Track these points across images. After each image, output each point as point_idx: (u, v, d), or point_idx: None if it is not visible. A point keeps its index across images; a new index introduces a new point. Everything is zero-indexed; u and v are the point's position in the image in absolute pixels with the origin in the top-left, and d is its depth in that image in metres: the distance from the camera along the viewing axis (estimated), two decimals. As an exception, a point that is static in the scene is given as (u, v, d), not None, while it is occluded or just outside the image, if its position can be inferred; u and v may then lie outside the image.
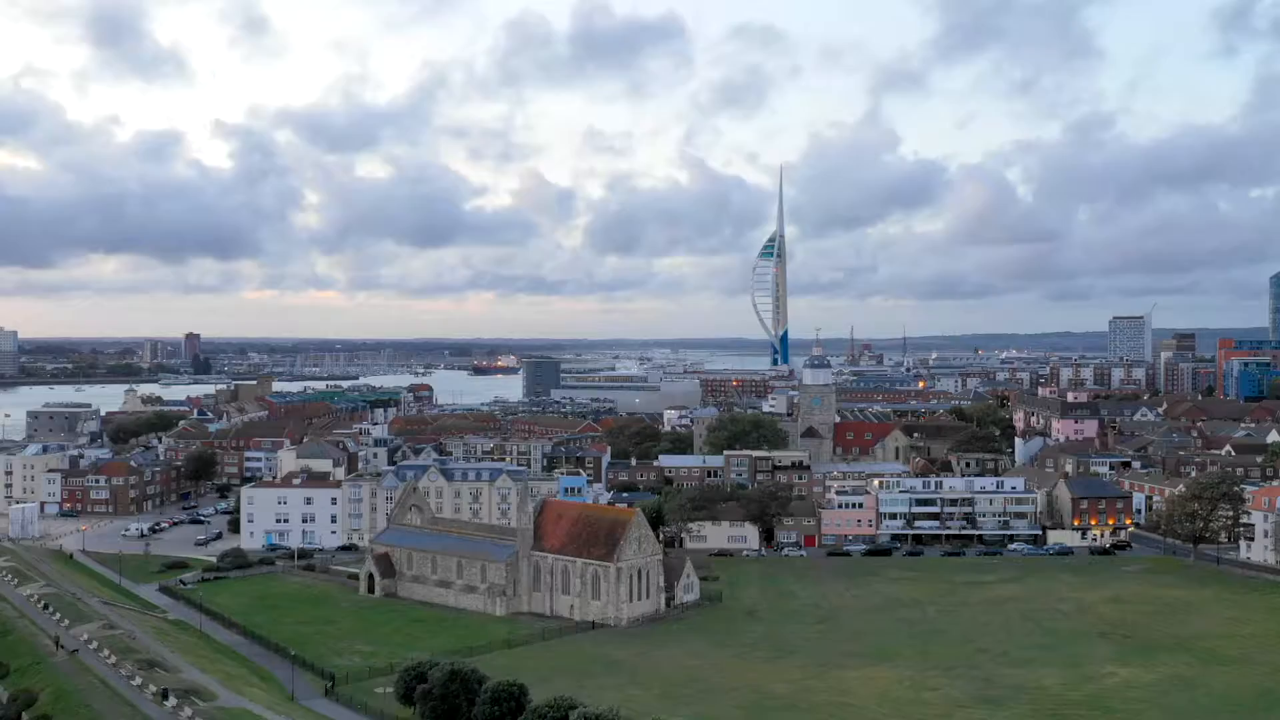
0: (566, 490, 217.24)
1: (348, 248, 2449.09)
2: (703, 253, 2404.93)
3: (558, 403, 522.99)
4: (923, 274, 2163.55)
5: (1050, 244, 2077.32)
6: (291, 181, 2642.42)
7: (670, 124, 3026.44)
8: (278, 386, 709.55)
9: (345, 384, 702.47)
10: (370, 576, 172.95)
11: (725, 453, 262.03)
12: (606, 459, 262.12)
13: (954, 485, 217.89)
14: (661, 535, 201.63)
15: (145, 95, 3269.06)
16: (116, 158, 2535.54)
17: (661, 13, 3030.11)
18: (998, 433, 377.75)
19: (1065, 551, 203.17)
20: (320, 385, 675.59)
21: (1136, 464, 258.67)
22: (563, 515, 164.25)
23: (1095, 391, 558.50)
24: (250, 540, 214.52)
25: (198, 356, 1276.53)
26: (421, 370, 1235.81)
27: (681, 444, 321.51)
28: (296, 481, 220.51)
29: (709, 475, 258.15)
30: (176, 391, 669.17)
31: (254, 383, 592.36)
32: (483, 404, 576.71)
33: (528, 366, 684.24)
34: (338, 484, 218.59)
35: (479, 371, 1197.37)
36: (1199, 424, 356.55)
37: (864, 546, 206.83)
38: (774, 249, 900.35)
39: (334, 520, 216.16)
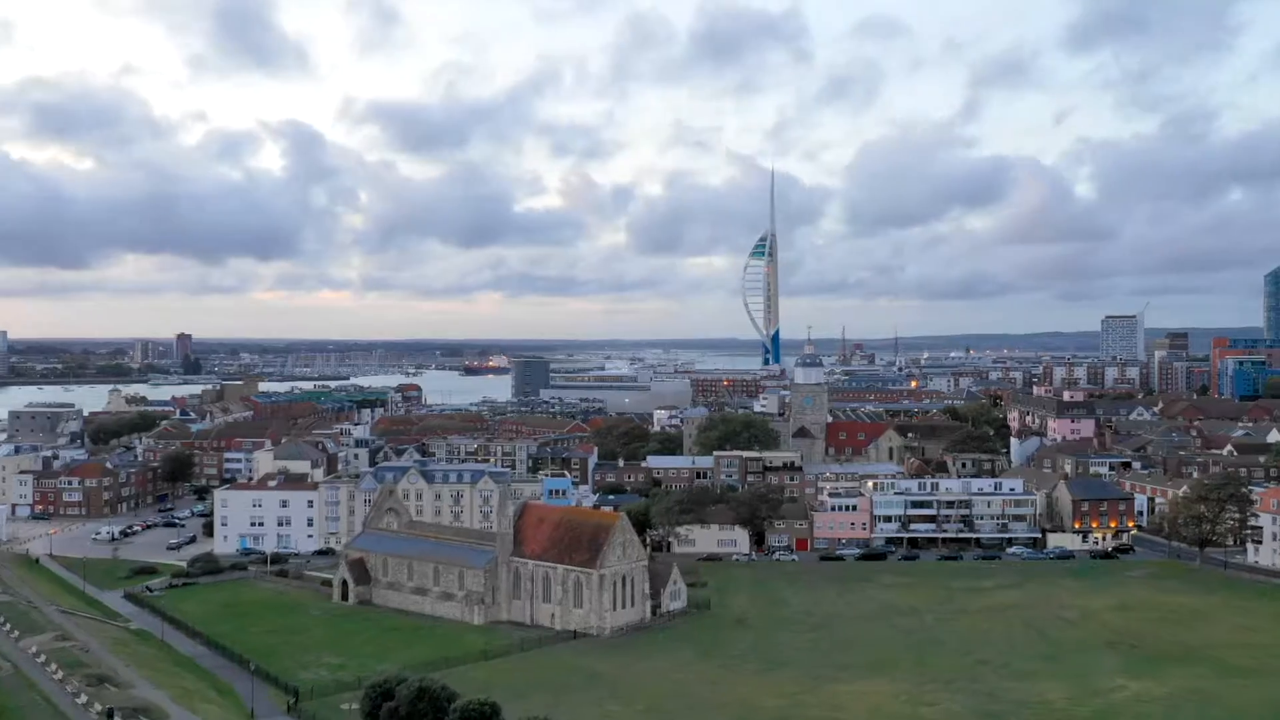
0: (551, 493, 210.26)
1: (391, 248, 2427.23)
2: (739, 252, 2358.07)
3: (546, 403, 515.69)
4: (927, 275, 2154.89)
5: (1092, 244, 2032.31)
6: (346, 180, 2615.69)
7: (764, 121, 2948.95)
8: (266, 387, 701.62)
9: (333, 384, 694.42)
10: (344, 583, 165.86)
11: (715, 454, 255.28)
12: (593, 460, 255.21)
13: (950, 487, 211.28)
14: (648, 539, 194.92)
15: (238, 91, 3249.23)
16: (185, 156, 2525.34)
17: (785, 8, 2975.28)
18: (991, 432, 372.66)
19: (1066, 555, 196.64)
20: (308, 385, 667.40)
21: (1136, 464, 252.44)
22: (544, 519, 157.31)
23: (1089, 391, 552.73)
24: (224, 544, 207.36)
25: (188, 357, 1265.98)
26: (412, 371, 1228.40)
27: (671, 444, 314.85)
28: (272, 484, 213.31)
29: (698, 476, 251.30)
30: (165, 392, 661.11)
31: (240, 383, 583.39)
32: (471, 404, 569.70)
33: (516, 366, 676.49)
34: (314, 486, 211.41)
35: (470, 372, 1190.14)
36: (1196, 423, 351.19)
37: (858, 550, 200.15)
38: (765, 249, 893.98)
39: (310, 524, 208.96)
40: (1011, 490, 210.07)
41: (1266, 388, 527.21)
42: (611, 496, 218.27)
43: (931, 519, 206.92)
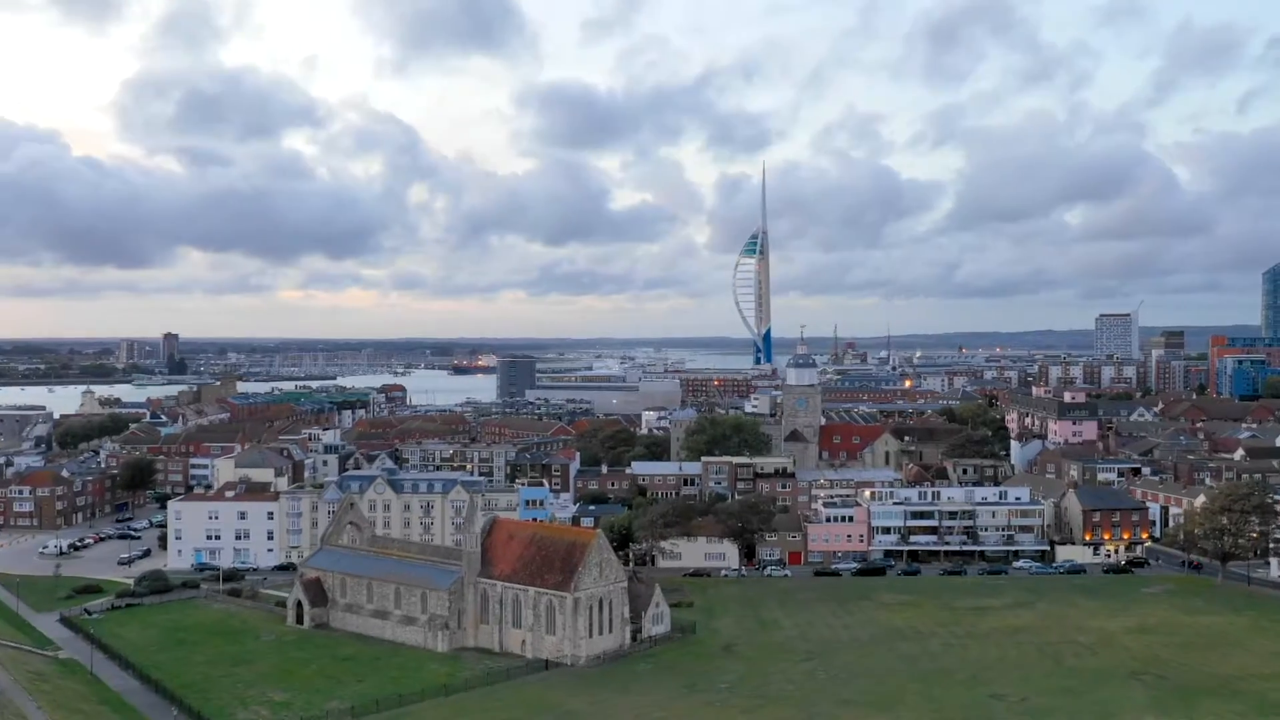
0: (527, 503, 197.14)
1: (472, 245, 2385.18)
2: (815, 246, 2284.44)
3: (532, 404, 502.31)
4: (920, 275, 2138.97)
5: (1171, 239, 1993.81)
6: (447, 174, 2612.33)
7: (961, 109, 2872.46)
8: (246, 388, 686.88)
9: (315, 384, 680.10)
10: (298, 605, 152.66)
11: (703, 459, 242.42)
12: (575, 466, 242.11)
13: (953, 496, 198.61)
14: (631, 554, 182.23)
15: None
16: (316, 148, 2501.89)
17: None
18: (989, 434, 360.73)
19: (1077, 570, 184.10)
20: (290, 386, 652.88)
21: (1146, 470, 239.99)
22: (514, 536, 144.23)
23: (1085, 390, 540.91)
24: (178, 559, 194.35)
25: (172, 357, 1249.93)
26: (401, 370, 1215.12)
27: (658, 448, 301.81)
28: (230, 494, 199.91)
29: (686, 484, 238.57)
30: (149, 392, 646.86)
31: (217, 384, 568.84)
32: (456, 405, 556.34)
33: (501, 366, 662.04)
34: (275, 496, 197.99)
35: (458, 371, 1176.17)
36: (1198, 424, 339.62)
37: (855, 565, 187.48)
38: (756, 246, 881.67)
39: (271, 537, 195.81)
40: (1017, 499, 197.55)
41: (1266, 387, 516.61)
42: (592, 507, 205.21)
43: (933, 530, 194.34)
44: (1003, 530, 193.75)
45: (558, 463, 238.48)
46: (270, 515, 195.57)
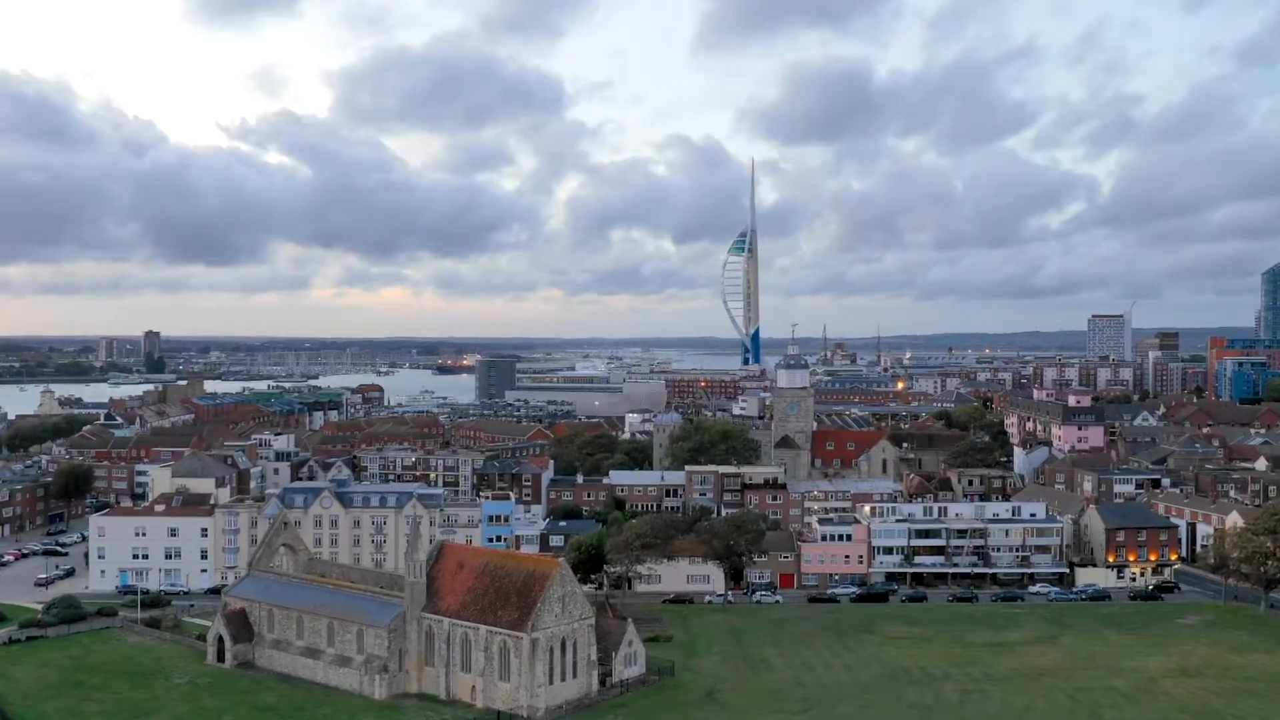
0: (491, 519, 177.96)
1: (593, 240, 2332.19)
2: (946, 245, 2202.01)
3: (511, 405, 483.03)
4: (906, 274, 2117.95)
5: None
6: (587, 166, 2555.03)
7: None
8: (219, 387, 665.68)
9: (289, 384, 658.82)
10: (219, 640, 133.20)
11: (687, 468, 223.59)
12: (548, 476, 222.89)
13: (961, 512, 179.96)
14: (605, 577, 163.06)
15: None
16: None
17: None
18: (986, 438, 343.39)
19: (1100, 596, 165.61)
20: (262, 385, 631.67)
21: (1165, 481, 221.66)
22: (465, 564, 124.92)
23: (1082, 393, 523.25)
24: (101, 580, 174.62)
25: (150, 355, 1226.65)
26: (384, 369, 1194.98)
27: (641, 454, 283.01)
28: (160, 508, 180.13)
29: (668, 494, 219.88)
30: (124, 391, 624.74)
31: (184, 383, 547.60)
32: (434, 406, 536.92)
33: (481, 367, 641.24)
34: (210, 511, 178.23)
35: (442, 370, 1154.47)
36: (1205, 429, 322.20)
37: (854, 590, 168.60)
38: (745, 244, 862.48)
39: (204, 556, 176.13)
40: (1032, 516, 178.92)
41: (1268, 390, 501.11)
42: (563, 523, 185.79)
43: (940, 551, 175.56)
44: (1017, 551, 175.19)
45: (529, 472, 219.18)
46: (204, 532, 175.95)
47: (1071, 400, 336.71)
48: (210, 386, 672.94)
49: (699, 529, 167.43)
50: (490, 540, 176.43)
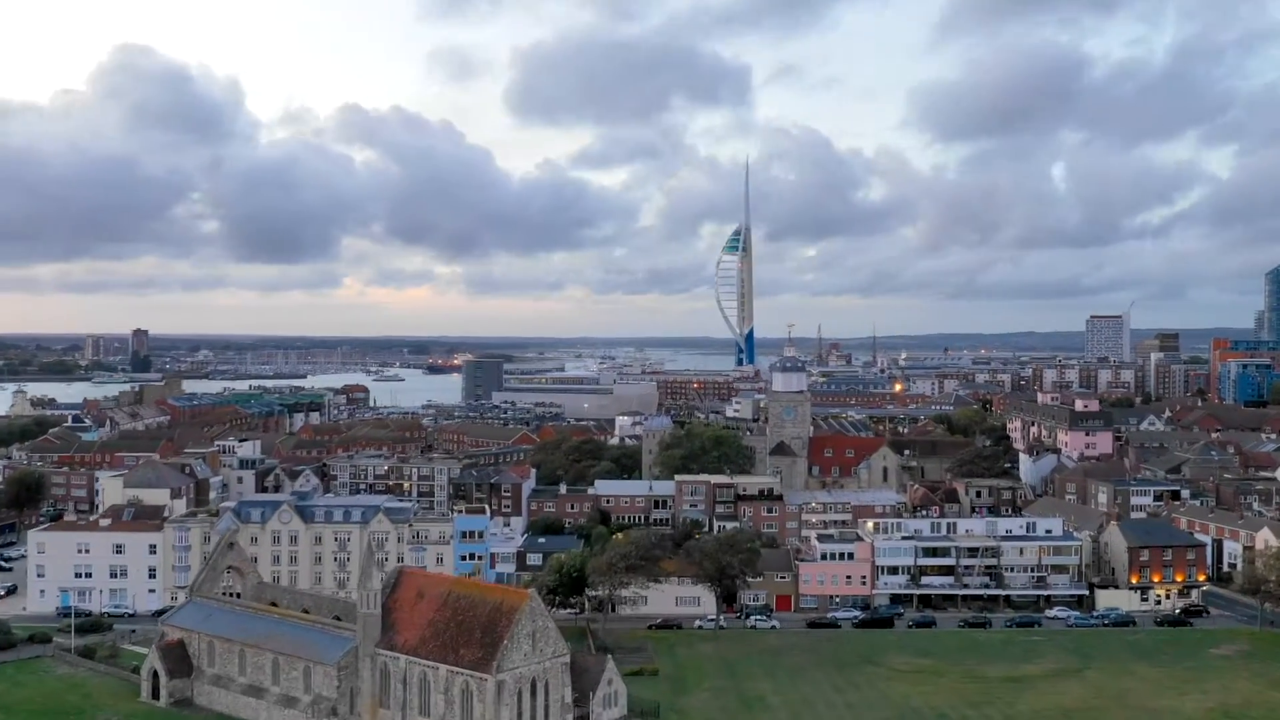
0: (463, 535, 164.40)
1: (683, 235, 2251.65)
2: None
3: (497, 408, 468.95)
4: (896, 272, 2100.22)
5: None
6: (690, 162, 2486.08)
7: None
8: (203, 386, 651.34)
9: (272, 384, 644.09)
10: (154, 675, 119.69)
11: (677, 478, 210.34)
12: (529, 486, 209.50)
13: (972, 528, 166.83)
14: (587, 602, 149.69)
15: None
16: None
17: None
18: (988, 443, 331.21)
19: (1124, 621, 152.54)
20: (247, 386, 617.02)
21: (1185, 493, 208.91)
22: (425, 594, 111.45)
23: (1079, 395, 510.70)
24: (41, 601, 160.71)
25: (136, 354, 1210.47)
26: (375, 369, 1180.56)
27: (630, 461, 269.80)
28: (105, 522, 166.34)
29: (656, 506, 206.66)
30: (103, 391, 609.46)
31: (160, 383, 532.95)
32: (419, 407, 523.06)
33: (467, 367, 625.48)
34: (159, 526, 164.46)
35: (433, 370, 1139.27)
36: (1214, 434, 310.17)
37: (856, 614, 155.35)
38: (739, 242, 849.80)
39: (153, 575, 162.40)
40: (1049, 533, 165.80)
41: (1273, 392, 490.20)
42: (542, 540, 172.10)
43: (949, 570, 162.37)
44: (1032, 571, 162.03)
45: (508, 482, 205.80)
46: (153, 549, 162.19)
47: (1078, 404, 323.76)
48: (193, 386, 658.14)
49: (688, 548, 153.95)
50: (463, 559, 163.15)
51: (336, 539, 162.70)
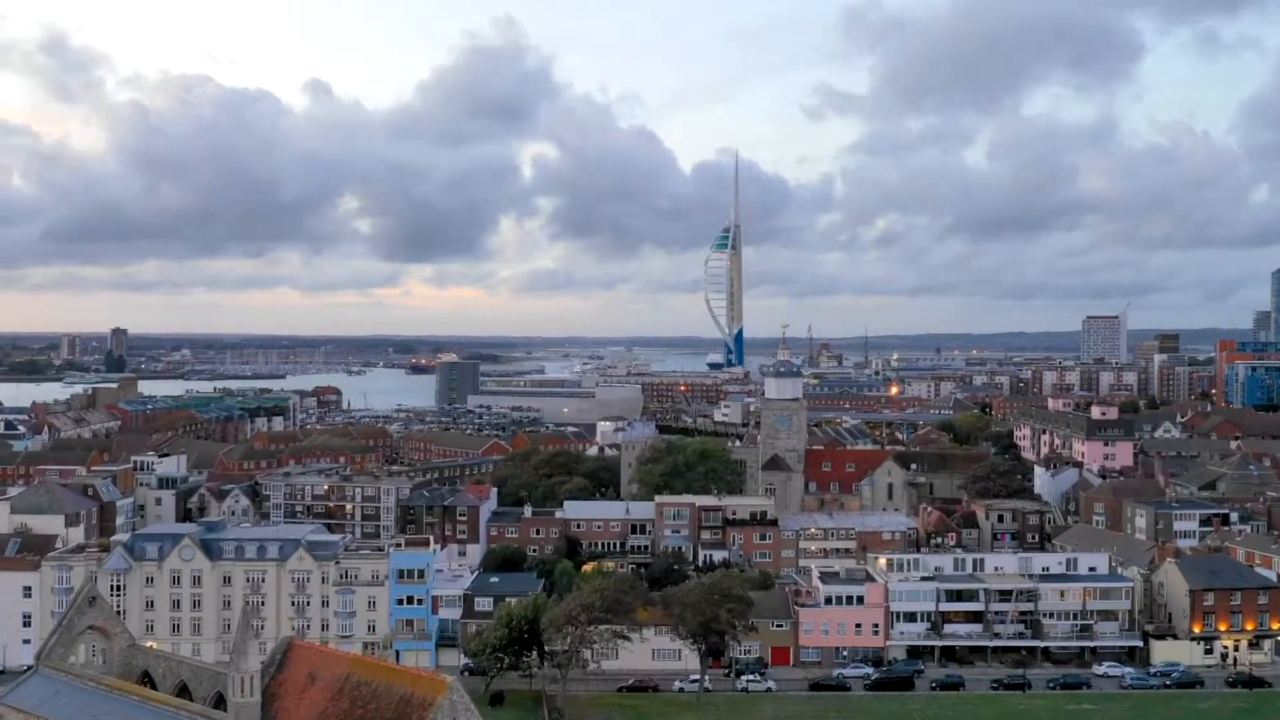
0: (400, 574, 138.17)
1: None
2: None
3: (471, 412, 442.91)
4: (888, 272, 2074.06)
5: None
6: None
7: None
8: (168, 388, 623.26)
9: (237, 385, 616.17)
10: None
11: (657, 499, 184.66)
12: (489, 508, 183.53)
13: (1003, 566, 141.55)
14: (544, 660, 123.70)
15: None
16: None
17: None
18: (993, 451, 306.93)
19: (1190, 682, 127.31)
20: (208, 387, 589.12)
21: (1234, 517, 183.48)
22: (318, 677, 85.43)
23: (1085, 398, 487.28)
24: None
25: (110, 353, 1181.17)
26: (357, 369, 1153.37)
27: (608, 475, 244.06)
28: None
29: (634, 531, 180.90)
30: (71, 391, 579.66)
31: (115, 386, 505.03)
32: (393, 410, 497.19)
33: (441, 369, 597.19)
34: (35, 565, 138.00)
35: (416, 370, 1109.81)
36: (1234, 442, 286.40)
37: (869, 671, 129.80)
38: (728, 240, 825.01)
39: (27, 623, 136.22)
40: (1092, 570, 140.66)
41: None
42: (495, 579, 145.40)
43: (977, 617, 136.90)
44: (1075, 618, 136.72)
45: (464, 504, 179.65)
46: (28, 591, 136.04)
47: (1095, 411, 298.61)
48: (164, 388, 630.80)
49: (666, 598, 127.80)
50: (400, 603, 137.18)
51: (249, 579, 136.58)
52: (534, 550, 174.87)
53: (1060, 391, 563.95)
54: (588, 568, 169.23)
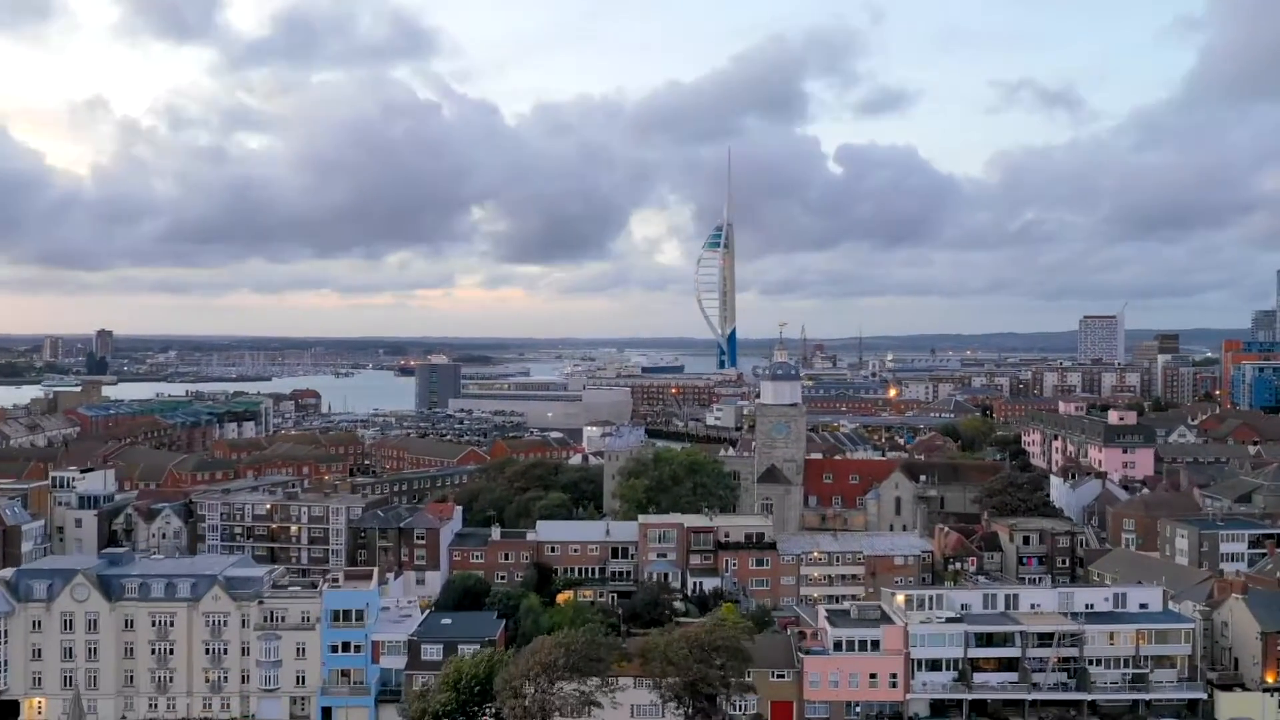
0: (336, 616, 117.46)
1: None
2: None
3: (451, 416, 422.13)
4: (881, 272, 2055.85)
5: None
6: None
7: None
8: (137, 391, 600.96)
9: (214, 387, 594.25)
10: None
11: (641, 519, 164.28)
12: (452, 530, 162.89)
13: (1041, 603, 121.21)
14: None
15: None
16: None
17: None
18: (998, 456, 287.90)
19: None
20: (178, 391, 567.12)
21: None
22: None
23: (1091, 400, 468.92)
24: None
25: (91, 355, 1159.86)
26: (346, 371, 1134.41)
27: (591, 487, 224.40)
28: None
29: (615, 555, 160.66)
30: (52, 393, 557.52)
31: (77, 389, 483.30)
32: (372, 413, 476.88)
33: (421, 371, 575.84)
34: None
35: (404, 372, 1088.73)
36: (1253, 446, 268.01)
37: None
38: (720, 238, 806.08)
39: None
40: (1144, 607, 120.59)
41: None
42: (448, 621, 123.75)
43: (1012, 664, 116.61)
44: (1127, 665, 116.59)
45: (423, 526, 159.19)
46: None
47: (1113, 416, 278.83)
48: (139, 391, 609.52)
49: (646, 650, 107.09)
50: (334, 649, 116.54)
51: (155, 624, 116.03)
52: (502, 577, 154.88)
53: (1062, 393, 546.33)
54: (562, 598, 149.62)
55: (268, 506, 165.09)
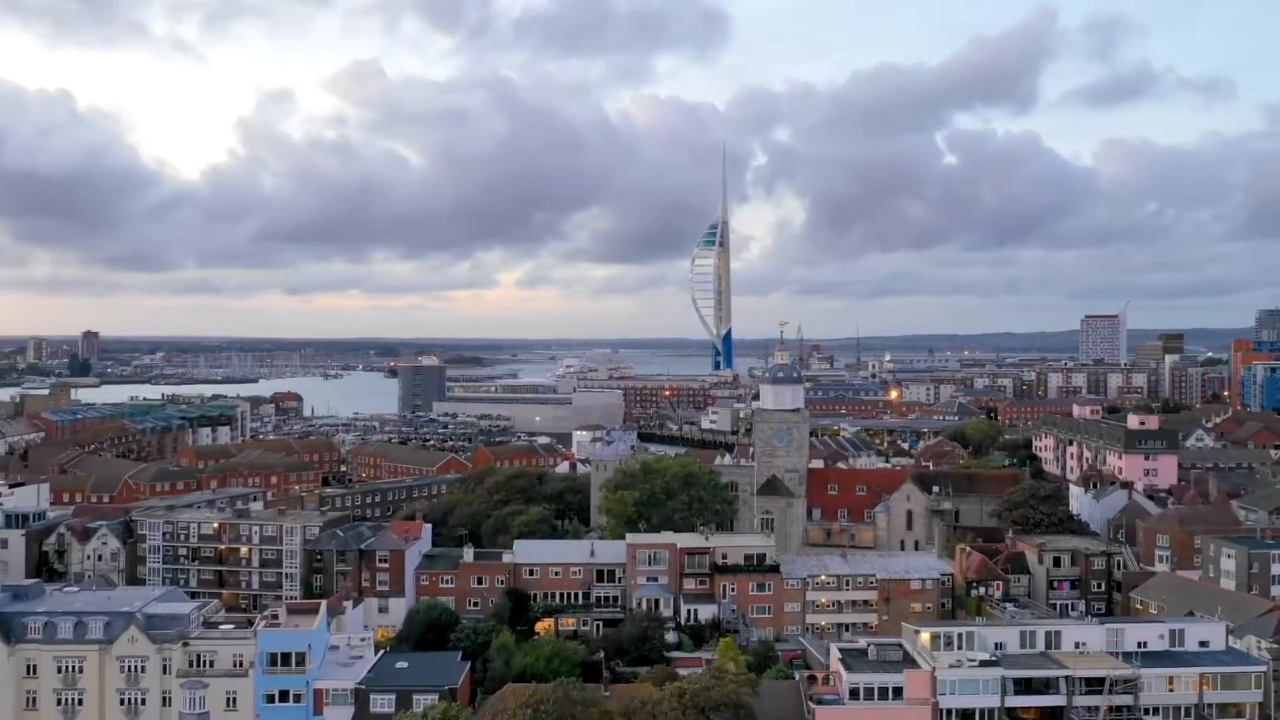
0: (271, 660, 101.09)
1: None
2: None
3: (435, 420, 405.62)
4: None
5: None
6: None
7: None
8: (129, 392, 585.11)
9: (190, 390, 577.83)
10: None
11: (629, 538, 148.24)
12: (419, 552, 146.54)
13: (1087, 642, 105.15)
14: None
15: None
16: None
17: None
18: (1009, 463, 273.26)
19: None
20: (155, 394, 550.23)
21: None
22: None
23: (1097, 402, 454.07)
24: None
25: (75, 357, 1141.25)
26: (335, 372, 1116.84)
27: (578, 498, 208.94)
28: None
29: (600, 579, 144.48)
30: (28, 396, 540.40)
31: (45, 393, 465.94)
32: (351, 417, 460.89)
33: (404, 374, 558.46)
34: None
35: (393, 374, 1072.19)
36: (1274, 450, 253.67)
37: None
38: (715, 237, 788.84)
39: None
40: (1205, 646, 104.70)
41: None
42: (403, 665, 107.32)
43: (1055, 714, 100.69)
44: (1187, 716, 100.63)
45: (387, 548, 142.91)
46: None
47: (1133, 420, 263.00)
48: (127, 392, 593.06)
49: (629, 710, 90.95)
50: (269, 700, 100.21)
51: (61, 670, 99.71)
52: (474, 604, 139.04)
53: (1066, 394, 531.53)
54: (541, 627, 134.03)
55: (215, 525, 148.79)
